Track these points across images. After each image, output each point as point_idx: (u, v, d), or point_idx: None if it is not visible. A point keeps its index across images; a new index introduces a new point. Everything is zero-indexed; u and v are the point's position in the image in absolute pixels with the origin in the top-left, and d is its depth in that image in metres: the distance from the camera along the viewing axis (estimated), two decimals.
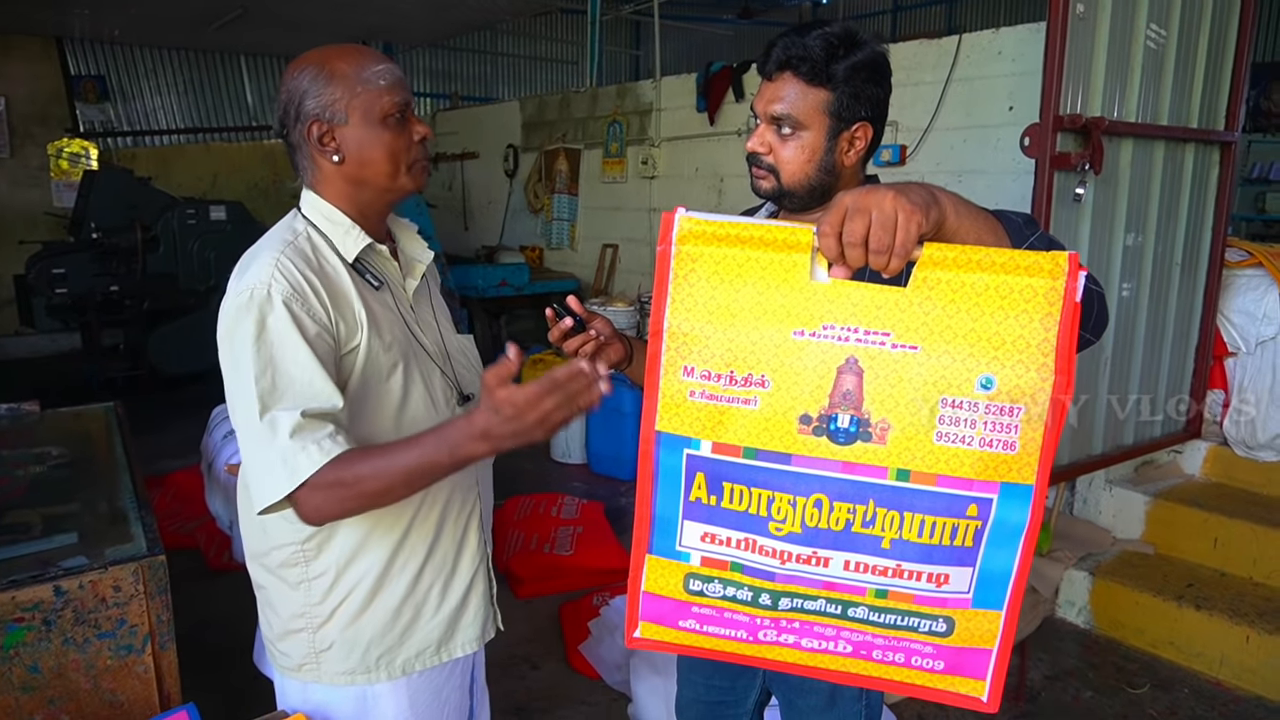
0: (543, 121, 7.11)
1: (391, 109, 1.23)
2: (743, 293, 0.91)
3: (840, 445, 0.91)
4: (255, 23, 7.70)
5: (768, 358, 0.92)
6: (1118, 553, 3.34)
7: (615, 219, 6.47)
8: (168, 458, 4.75)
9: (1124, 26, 2.83)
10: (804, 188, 1.30)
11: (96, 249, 6.25)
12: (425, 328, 1.37)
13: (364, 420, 1.24)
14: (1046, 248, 0.94)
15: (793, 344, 0.91)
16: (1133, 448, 3.36)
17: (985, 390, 0.89)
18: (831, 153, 1.28)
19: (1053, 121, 2.66)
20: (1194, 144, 3.23)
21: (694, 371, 0.93)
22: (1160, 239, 3.20)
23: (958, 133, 4.16)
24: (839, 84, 1.24)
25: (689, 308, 0.93)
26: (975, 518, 0.92)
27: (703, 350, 0.93)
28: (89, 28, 8.05)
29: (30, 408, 2.56)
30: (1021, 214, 1.08)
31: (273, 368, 1.13)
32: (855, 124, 1.28)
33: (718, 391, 0.93)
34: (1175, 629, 2.98)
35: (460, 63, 11.54)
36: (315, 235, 1.26)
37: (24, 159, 8.20)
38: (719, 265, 0.92)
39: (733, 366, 0.92)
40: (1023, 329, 0.87)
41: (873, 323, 0.90)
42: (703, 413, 0.94)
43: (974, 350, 0.89)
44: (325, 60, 1.23)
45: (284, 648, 1.32)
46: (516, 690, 2.77)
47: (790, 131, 1.27)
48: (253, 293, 1.15)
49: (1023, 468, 0.90)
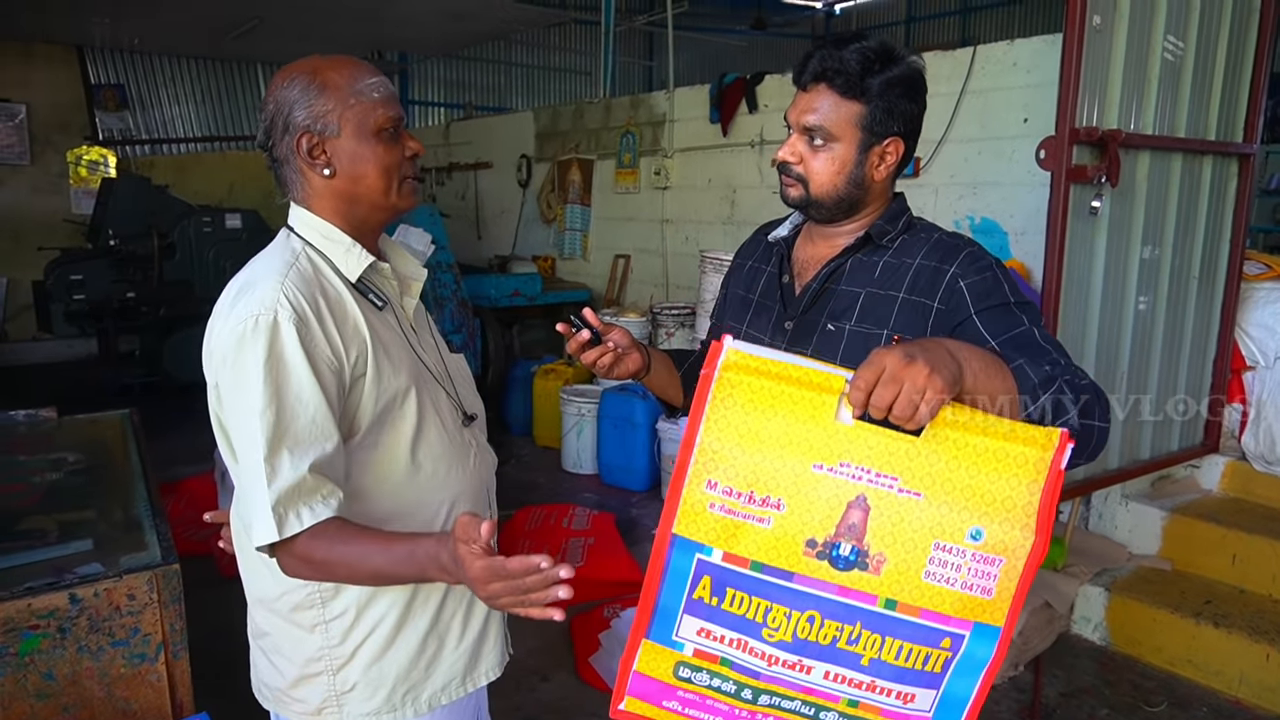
0: (556, 132, 7.14)
1: (385, 123, 1.20)
2: (773, 422, 1.00)
3: (839, 570, 1.01)
4: (272, 33, 7.77)
5: (786, 484, 1.00)
6: (1134, 569, 3.31)
7: (628, 229, 6.48)
8: (181, 464, 4.77)
9: (1141, 38, 2.81)
10: (832, 199, 1.31)
11: (114, 256, 6.33)
12: (426, 348, 1.34)
13: (381, 447, 1.22)
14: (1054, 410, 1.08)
15: (811, 475, 1.00)
16: (1149, 462, 3.32)
17: (974, 540, 1.01)
18: (862, 166, 1.29)
19: (1069, 134, 2.64)
20: (1212, 156, 3.21)
21: (717, 486, 1.00)
22: (1177, 252, 3.18)
23: (972, 145, 4.15)
24: (873, 98, 1.24)
25: (722, 428, 1.00)
26: (948, 649, 1.05)
27: (729, 469, 1.00)
28: (110, 37, 8.15)
29: (48, 414, 2.58)
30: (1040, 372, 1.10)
31: (278, 402, 1.10)
32: (887, 139, 1.28)
33: (736, 507, 1.00)
34: (1193, 646, 2.95)
35: (474, 73, 11.61)
36: (314, 255, 1.22)
37: (44, 166, 8.30)
38: (755, 394, 1.00)
39: (754, 487, 1.00)
40: (1012, 491, 1.00)
41: (884, 466, 1.00)
42: (719, 524, 1.00)
43: (969, 503, 1.00)
44: (316, 71, 1.19)
45: (300, 694, 1.27)
46: (526, 702, 2.77)
47: (822, 143, 1.28)
48: (258, 319, 1.11)
49: (995, 611, 1.03)
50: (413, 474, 1.25)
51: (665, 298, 6.07)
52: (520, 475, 4.93)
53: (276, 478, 1.09)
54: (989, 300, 1.24)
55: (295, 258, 1.20)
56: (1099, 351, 3.00)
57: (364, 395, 1.19)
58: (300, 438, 1.11)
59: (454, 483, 1.30)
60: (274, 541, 1.09)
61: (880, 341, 1.27)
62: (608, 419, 4.74)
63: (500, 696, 1.61)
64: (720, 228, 5.67)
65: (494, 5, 7.36)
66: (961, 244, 1.31)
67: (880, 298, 1.29)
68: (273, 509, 1.09)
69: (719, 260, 4.56)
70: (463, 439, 1.33)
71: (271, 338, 1.11)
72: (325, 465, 1.13)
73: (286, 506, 1.09)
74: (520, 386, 5.58)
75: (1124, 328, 3.07)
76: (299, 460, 1.10)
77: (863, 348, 1.27)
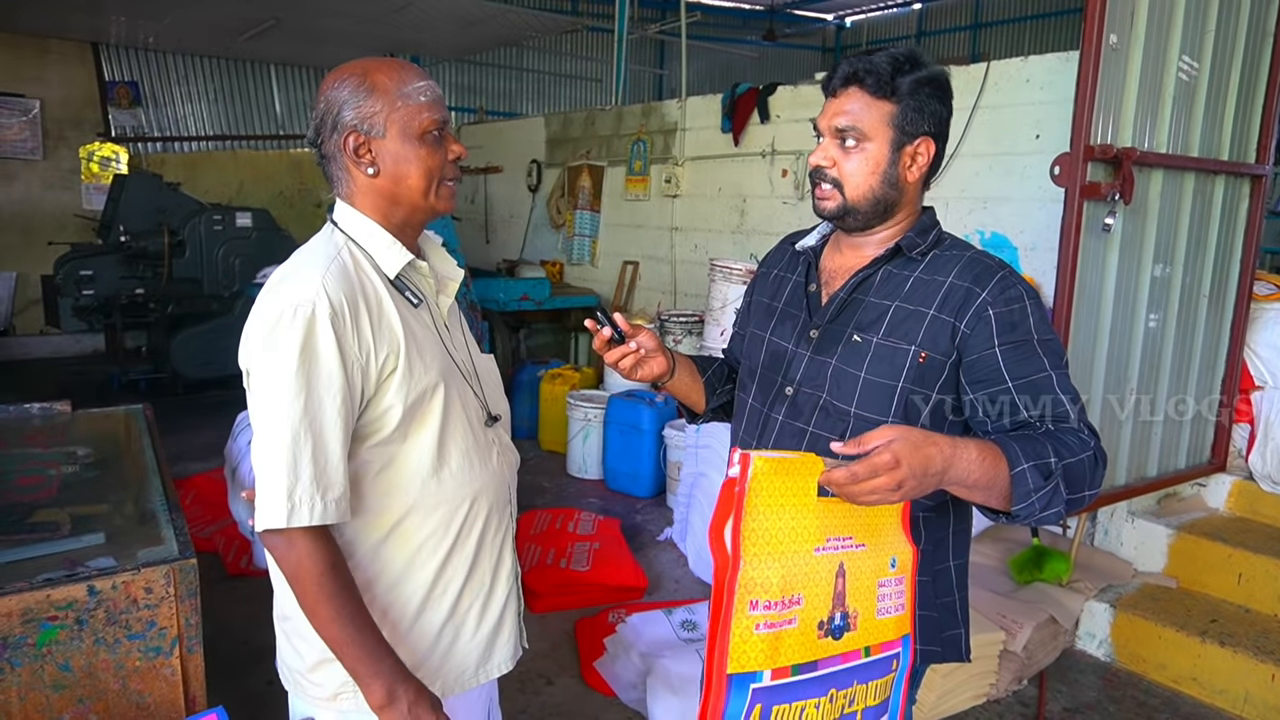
0: (567, 138, 7.17)
1: (430, 125, 1.23)
2: (784, 519, 1.04)
3: (837, 640, 1.08)
4: (286, 34, 7.81)
5: (801, 577, 1.05)
6: (1139, 585, 3.31)
7: (637, 236, 6.49)
8: (187, 460, 4.79)
9: (1156, 58, 2.83)
10: (868, 201, 1.31)
11: (124, 252, 6.34)
12: (457, 346, 1.36)
13: (409, 441, 1.24)
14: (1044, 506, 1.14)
15: (814, 560, 1.06)
16: (1156, 480, 3.33)
17: (893, 568, 1.13)
18: (895, 165, 1.29)
19: (1084, 151, 2.66)
20: (1224, 176, 3.22)
21: (759, 605, 1.03)
22: (1188, 270, 3.19)
23: (983, 159, 4.16)
24: (903, 97, 1.26)
25: (756, 543, 1.02)
26: (894, 670, 1.16)
27: (764, 582, 1.02)
28: (124, 34, 8.18)
29: (62, 407, 2.59)
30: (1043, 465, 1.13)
31: (306, 393, 1.13)
32: (918, 138, 1.29)
33: (775, 619, 1.04)
34: (1198, 665, 2.94)
35: (486, 78, 11.65)
36: (355, 250, 1.25)
37: (56, 161, 8.32)
38: (772, 498, 1.03)
39: (785, 592, 1.04)
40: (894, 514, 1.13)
41: (846, 530, 1.08)
42: (765, 643, 1.03)
43: (882, 538, 1.12)
44: (366, 72, 1.22)
45: (317, 678, 1.29)
46: (531, 705, 2.77)
47: (855, 144, 1.28)
48: (297, 309, 1.14)
49: (907, 622, 1.15)
50: (437, 469, 1.27)
51: (673, 305, 6.08)
52: (526, 479, 4.93)
53: (294, 465, 1.12)
54: (1013, 335, 1.24)
55: (337, 252, 1.23)
56: (1109, 367, 3.01)
57: (393, 392, 1.21)
58: (323, 433, 1.14)
59: (476, 479, 1.32)
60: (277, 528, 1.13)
61: (907, 358, 1.28)
62: (614, 425, 4.75)
63: (505, 699, 1.61)
64: (730, 237, 5.69)
65: (508, 12, 7.40)
66: (995, 267, 1.30)
67: (909, 312, 1.30)
68: (285, 494, 1.12)
69: (728, 269, 4.57)
70: (486, 437, 1.35)
71: (308, 329, 1.13)
72: (339, 465, 1.16)
73: (298, 497, 1.12)
74: (527, 391, 5.59)
75: (1134, 344, 3.08)
76: (319, 454, 1.14)
77: (889, 362, 1.28)
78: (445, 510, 1.29)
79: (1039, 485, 1.11)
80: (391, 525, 1.26)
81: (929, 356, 1.27)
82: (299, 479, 1.12)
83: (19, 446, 2.35)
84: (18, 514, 1.89)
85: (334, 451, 1.15)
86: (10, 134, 8.05)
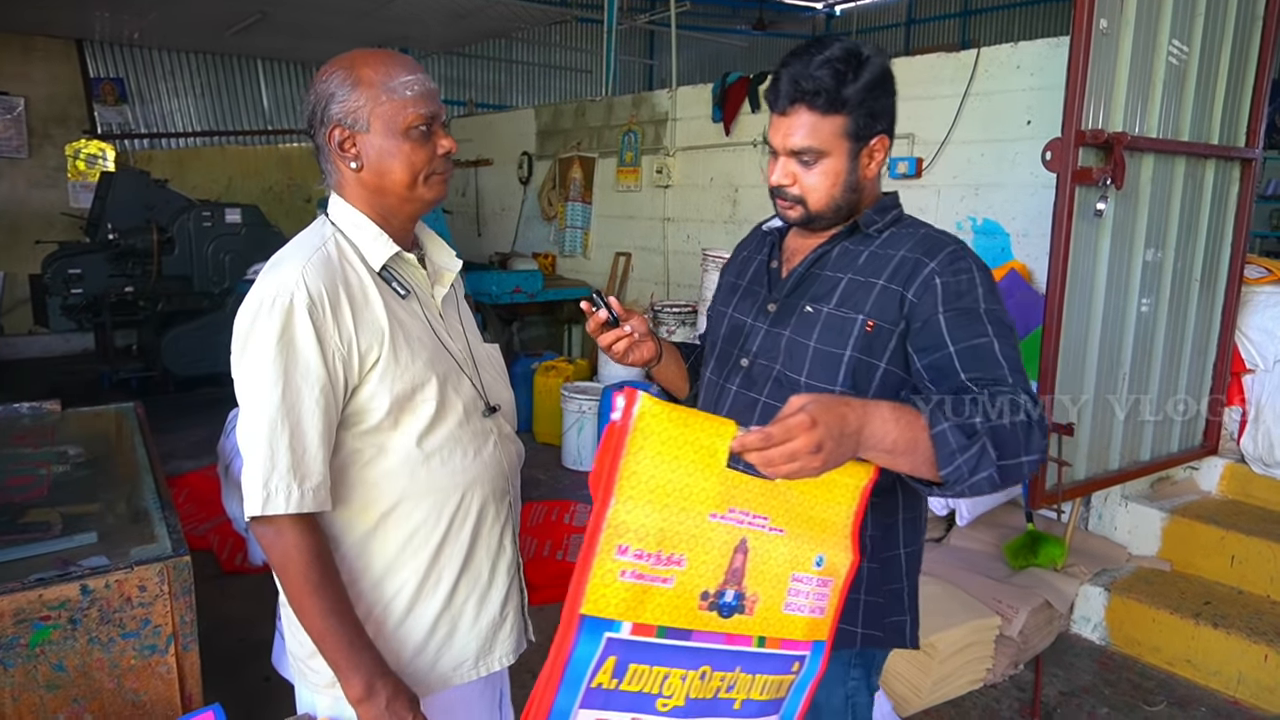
0: (558, 129, 7.14)
1: (415, 120, 1.22)
2: (677, 473, 0.97)
3: (724, 618, 1.02)
4: (273, 28, 7.76)
5: (688, 538, 0.98)
6: (1133, 569, 3.32)
7: (629, 227, 6.48)
8: (180, 458, 4.77)
9: (1146, 42, 2.83)
10: (831, 209, 1.32)
11: (112, 250, 6.30)
12: (454, 336, 1.36)
13: (398, 430, 1.24)
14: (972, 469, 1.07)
15: (707, 525, 0.99)
16: (1149, 464, 3.34)
17: (818, 567, 1.07)
18: (854, 172, 1.30)
19: (1075, 136, 2.66)
20: (1214, 160, 3.22)
21: (628, 551, 0.95)
22: (1180, 255, 3.19)
23: (975, 146, 4.16)
24: (854, 107, 1.25)
25: (634, 486, 0.95)
26: (796, 673, 1.10)
27: (639, 529, 0.95)
28: (109, 30, 8.12)
29: (51, 407, 2.58)
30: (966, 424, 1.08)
31: (284, 382, 1.14)
32: (873, 138, 1.29)
33: (645, 571, 0.96)
34: (1192, 647, 2.96)
35: (476, 70, 11.60)
36: (342, 241, 1.26)
37: (42, 159, 8.26)
38: (663, 446, 0.96)
39: (661, 546, 0.96)
40: (839, 516, 1.07)
41: (759, 507, 1.02)
42: (629, 593, 0.96)
43: (813, 533, 1.05)
44: (354, 65, 1.21)
45: (316, 665, 1.29)
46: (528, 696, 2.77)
47: (812, 161, 1.28)
48: (275, 299, 1.15)
49: (826, 627, 1.09)
50: (427, 458, 1.27)
51: (666, 296, 6.08)
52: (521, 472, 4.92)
53: (271, 454, 1.14)
54: (959, 302, 1.24)
55: (323, 243, 1.24)
56: (1101, 352, 3.01)
57: (378, 381, 1.21)
58: (301, 421, 1.15)
59: (470, 469, 1.32)
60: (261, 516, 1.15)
61: (855, 326, 1.28)
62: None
63: None
64: (722, 226, 5.68)
65: (496, 3, 7.36)
66: (947, 241, 1.31)
67: (860, 284, 1.31)
68: (261, 483, 1.14)
69: (720, 258, 4.57)
70: (483, 428, 1.35)
71: (285, 320, 1.15)
72: (318, 454, 1.17)
73: (274, 485, 1.14)
74: (521, 383, 5.57)
75: (1126, 329, 3.08)
76: (296, 442, 1.15)
77: (838, 331, 1.30)
78: (436, 499, 1.28)
79: (962, 445, 1.06)
80: (381, 514, 1.26)
81: (876, 325, 1.27)
82: (275, 467, 1.14)
83: (8, 447, 2.33)
84: (8, 514, 1.88)
85: (312, 440, 1.16)
86: None
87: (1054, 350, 2.82)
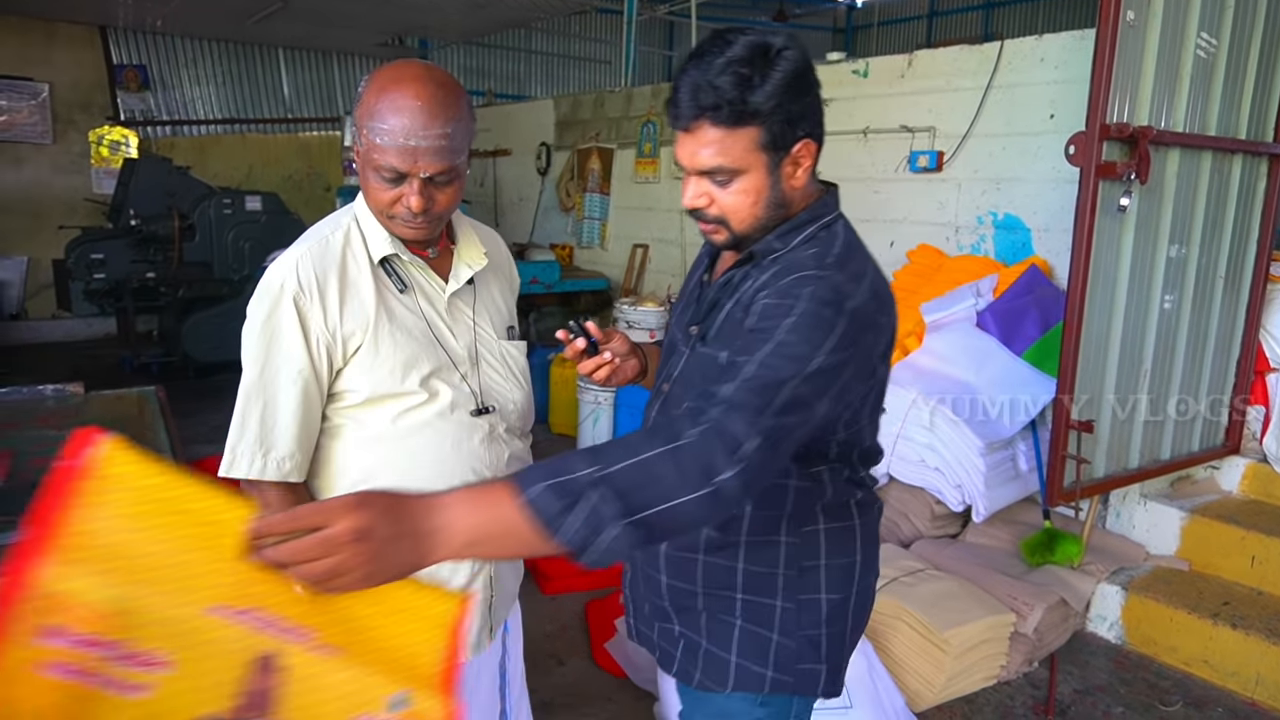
0: (576, 120, 7.13)
1: (378, 165, 1.22)
2: (163, 545, 0.73)
3: None
4: (294, 16, 7.78)
5: (175, 633, 0.72)
6: (1151, 568, 3.30)
7: (647, 219, 6.47)
8: (199, 443, 4.81)
9: (1174, 35, 2.79)
10: (757, 228, 1.18)
11: (134, 236, 6.36)
12: (459, 331, 1.37)
13: (375, 411, 1.30)
14: (589, 529, 0.87)
15: (206, 621, 0.74)
16: (1169, 462, 3.31)
17: (397, 709, 0.80)
18: (778, 184, 1.15)
19: (1099, 130, 2.63)
20: (1242, 155, 3.18)
21: (64, 634, 0.68)
22: (1204, 251, 3.16)
23: (997, 140, 4.12)
24: (765, 116, 1.08)
25: (87, 548, 0.71)
26: None
27: (88, 605, 0.69)
28: (132, 17, 8.17)
29: (75, 389, 2.61)
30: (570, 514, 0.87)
31: (264, 359, 1.25)
32: (795, 144, 1.13)
33: (94, 666, 0.69)
34: (1210, 647, 2.94)
35: (495, 60, 11.60)
36: (355, 230, 1.32)
37: (66, 145, 8.33)
38: (141, 506, 0.73)
39: (126, 635, 0.70)
40: (425, 654, 0.83)
41: (301, 616, 0.77)
42: (61, 695, 0.68)
43: (390, 665, 0.81)
44: (374, 81, 1.23)
45: None
46: (542, 685, 2.78)
47: (726, 180, 1.13)
48: (269, 286, 1.26)
49: None
50: (399, 440, 1.31)
51: None
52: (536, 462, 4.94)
53: (243, 422, 1.26)
54: (763, 321, 1.08)
55: (333, 230, 1.32)
56: (1122, 349, 2.99)
57: (359, 364, 1.29)
58: (275, 397, 1.25)
59: (446, 460, 1.33)
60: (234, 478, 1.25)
61: (717, 364, 1.15)
62: (624, 407, 4.75)
63: None
64: None
65: None
66: (813, 268, 1.12)
67: (733, 317, 1.19)
68: (231, 448, 1.26)
69: None
70: (471, 423, 1.35)
71: (273, 305, 1.25)
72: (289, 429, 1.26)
73: (239, 451, 1.25)
74: (537, 374, 5.56)
75: (1149, 326, 3.05)
76: (268, 416, 1.25)
77: (698, 370, 1.21)
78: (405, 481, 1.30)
79: (565, 506, 0.86)
80: (350, 485, 1.31)
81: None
82: (244, 435, 1.26)
83: (33, 428, 2.36)
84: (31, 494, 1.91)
85: (283, 416, 1.25)
86: (19, 118, 8.06)
87: (1074, 347, 2.79)
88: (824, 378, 1.03)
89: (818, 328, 1.05)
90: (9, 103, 7.99)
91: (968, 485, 3.18)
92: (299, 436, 1.27)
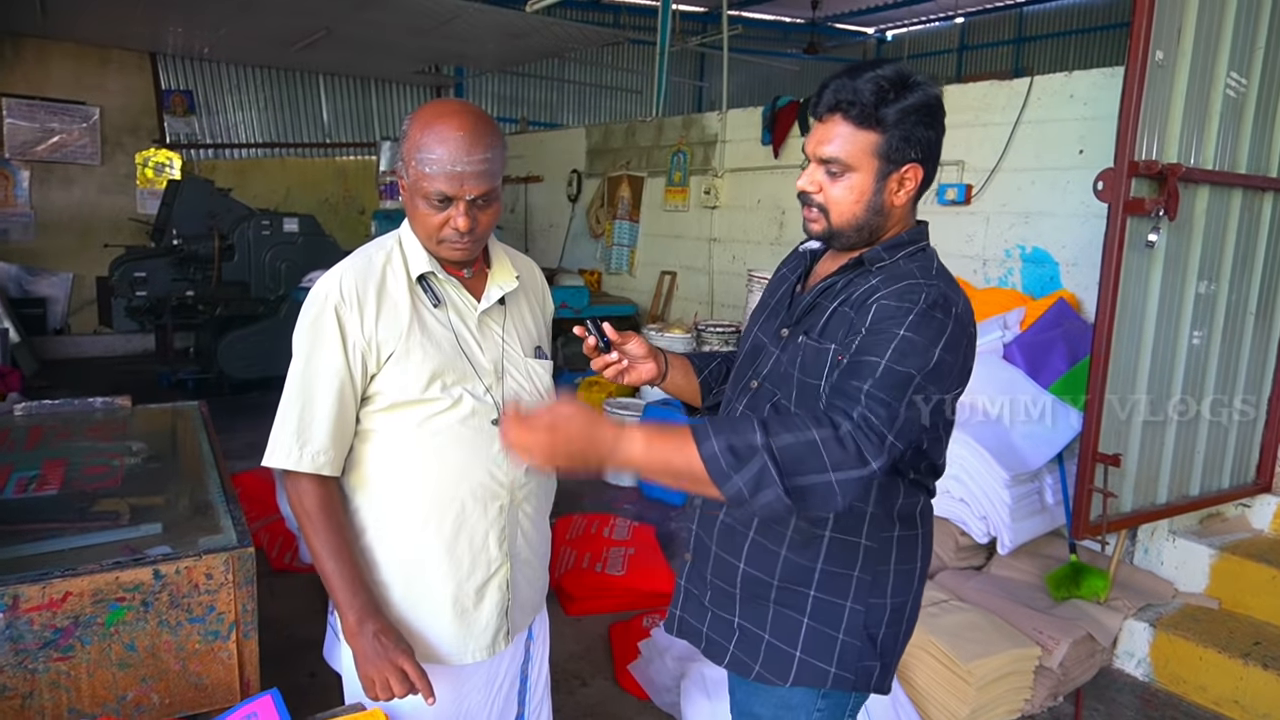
0: (607, 148, 7.25)
1: (427, 191, 1.34)
2: None
3: None
4: (336, 44, 8.00)
5: None
6: (1180, 606, 3.26)
7: (675, 247, 6.54)
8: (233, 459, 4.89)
9: (1203, 74, 2.82)
10: (853, 227, 1.31)
11: (176, 255, 6.52)
12: (487, 346, 1.46)
13: (401, 415, 1.39)
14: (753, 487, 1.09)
15: None
16: (1199, 499, 3.29)
17: None
18: (880, 194, 1.29)
19: (1128, 167, 2.65)
20: (1273, 193, 3.18)
21: None
22: (1234, 287, 3.16)
23: (1025, 174, 4.15)
24: (889, 127, 1.24)
25: None
26: None
27: None
28: (181, 44, 8.44)
29: (123, 402, 2.70)
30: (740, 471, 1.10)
31: (306, 361, 1.37)
32: (905, 165, 1.27)
33: None
34: (1240, 688, 2.90)
35: (528, 89, 11.81)
36: (397, 250, 1.43)
37: (113, 167, 8.59)
38: None
39: None
40: None
41: None
42: None
43: None
44: (417, 119, 1.35)
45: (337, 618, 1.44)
46: (565, 705, 2.80)
47: (839, 173, 1.28)
48: (315, 296, 1.38)
49: None
50: (422, 442, 1.40)
51: (710, 315, 6.11)
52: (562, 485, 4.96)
53: (285, 418, 1.37)
54: (882, 325, 1.22)
55: (376, 249, 1.44)
56: (1150, 384, 2.98)
57: (390, 371, 1.38)
58: (315, 396, 1.36)
59: (463, 465, 1.42)
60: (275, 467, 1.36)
61: (828, 357, 1.29)
62: None
63: None
64: (768, 248, 5.71)
65: (552, 24, 7.51)
66: (919, 280, 1.27)
67: (841, 315, 1.31)
68: (272, 438, 1.37)
69: (765, 279, 4.59)
70: (489, 432, 1.43)
71: (318, 313, 1.37)
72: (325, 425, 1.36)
73: (279, 442, 1.36)
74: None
75: (1177, 361, 3.05)
76: (307, 412, 1.36)
77: (815, 363, 1.32)
78: (426, 480, 1.42)
79: (733, 465, 1.08)
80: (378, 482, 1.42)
81: (845, 357, 1.26)
82: (284, 429, 1.36)
83: (83, 439, 2.45)
84: (82, 502, 1.98)
85: (321, 413, 1.36)
86: (71, 139, 8.34)
87: (1101, 380, 2.80)
88: (938, 373, 1.20)
89: (932, 327, 1.21)
90: (62, 125, 8.28)
91: (993, 517, 3.17)
92: (333, 433, 1.37)
